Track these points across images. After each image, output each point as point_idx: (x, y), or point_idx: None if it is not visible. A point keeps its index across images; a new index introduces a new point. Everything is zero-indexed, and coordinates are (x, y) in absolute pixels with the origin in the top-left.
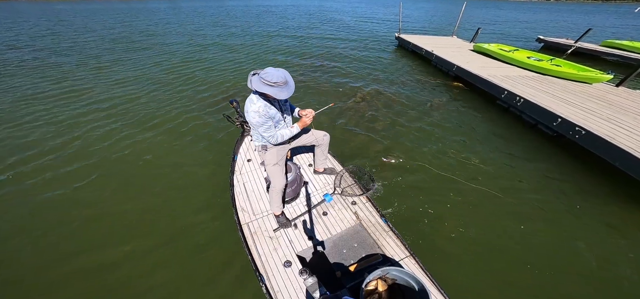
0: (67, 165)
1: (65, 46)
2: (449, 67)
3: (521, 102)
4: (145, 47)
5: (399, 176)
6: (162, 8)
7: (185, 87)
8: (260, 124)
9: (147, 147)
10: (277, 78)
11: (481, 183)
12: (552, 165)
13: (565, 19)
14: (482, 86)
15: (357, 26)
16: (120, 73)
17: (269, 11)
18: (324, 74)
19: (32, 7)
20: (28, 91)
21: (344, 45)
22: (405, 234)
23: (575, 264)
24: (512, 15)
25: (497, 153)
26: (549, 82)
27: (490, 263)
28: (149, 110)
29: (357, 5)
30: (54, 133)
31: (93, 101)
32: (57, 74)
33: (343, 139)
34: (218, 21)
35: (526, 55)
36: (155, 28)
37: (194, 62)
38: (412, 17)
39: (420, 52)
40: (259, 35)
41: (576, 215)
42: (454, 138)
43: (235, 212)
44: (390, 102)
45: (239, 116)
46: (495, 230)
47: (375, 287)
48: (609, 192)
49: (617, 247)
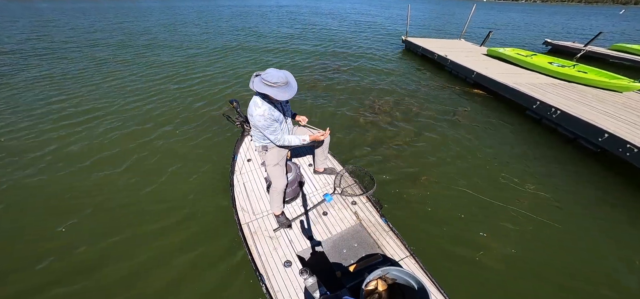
0: (68, 167)
1: (65, 47)
2: (467, 73)
3: (557, 113)
4: (144, 45)
5: (433, 201)
6: (155, 7)
7: (184, 87)
8: (266, 127)
9: (146, 147)
10: (277, 78)
11: (534, 211)
12: (600, 188)
13: (553, 21)
14: (507, 95)
15: (359, 28)
16: (119, 77)
17: (263, 13)
18: (329, 82)
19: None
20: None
21: (347, 49)
22: (405, 234)
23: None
24: (499, 17)
25: (535, 171)
26: (579, 91)
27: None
28: (148, 111)
29: (353, 6)
30: (48, 137)
31: (90, 100)
32: (58, 76)
33: (370, 158)
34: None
35: (547, 60)
36: (155, 29)
37: (193, 62)
38: (412, 18)
39: (431, 56)
40: (255, 36)
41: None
42: (487, 154)
43: (235, 212)
44: (410, 112)
45: (239, 116)
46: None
47: (375, 287)
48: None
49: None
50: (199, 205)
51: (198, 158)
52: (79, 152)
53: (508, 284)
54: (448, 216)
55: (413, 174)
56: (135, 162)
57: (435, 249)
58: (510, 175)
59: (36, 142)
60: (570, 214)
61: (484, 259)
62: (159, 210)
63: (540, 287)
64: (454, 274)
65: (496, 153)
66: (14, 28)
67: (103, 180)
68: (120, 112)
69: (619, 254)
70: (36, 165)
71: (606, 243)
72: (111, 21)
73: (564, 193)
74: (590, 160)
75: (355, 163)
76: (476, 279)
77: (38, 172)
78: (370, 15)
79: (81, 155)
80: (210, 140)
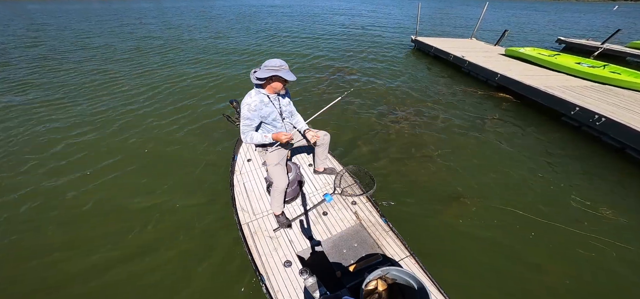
0: (68, 166)
1: (66, 48)
2: (489, 75)
3: (602, 121)
4: (140, 48)
5: (470, 221)
6: (148, 8)
7: (184, 87)
8: (244, 117)
9: (146, 147)
10: (280, 63)
11: (584, 228)
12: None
13: (553, 18)
14: (539, 99)
15: (362, 29)
16: (118, 79)
17: (256, 14)
18: (338, 89)
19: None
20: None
21: (354, 51)
22: (405, 234)
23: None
24: (499, 14)
25: (581, 185)
26: (616, 94)
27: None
28: (147, 110)
29: (354, 6)
30: (47, 139)
31: (86, 99)
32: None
33: (396, 173)
34: (208, 26)
35: (574, 60)
36: (155, 30)
37: (192, 63)
38: (413, 16)
39: (446, 57)
40: (254, 43)
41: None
42: (529, 167)
43: (235, 212)
44: (432, 120)
45: (238, 116)
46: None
47: (375, 287)
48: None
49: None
50: (199, 205)
51: (198, 158)
52: (81, 157)
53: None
54: (504, 242)
55: (451, 193)
56: (134, 162)
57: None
58: (576, 195)
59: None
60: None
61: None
62: (159, 210)
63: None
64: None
65: (539, 166)
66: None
67: (102, 180)
68: (121, 114)
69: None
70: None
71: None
72: (112, 23)
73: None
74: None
75: (376, 174)
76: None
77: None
78: (371, 14)
79: (81, 157)
80: (210, 140)
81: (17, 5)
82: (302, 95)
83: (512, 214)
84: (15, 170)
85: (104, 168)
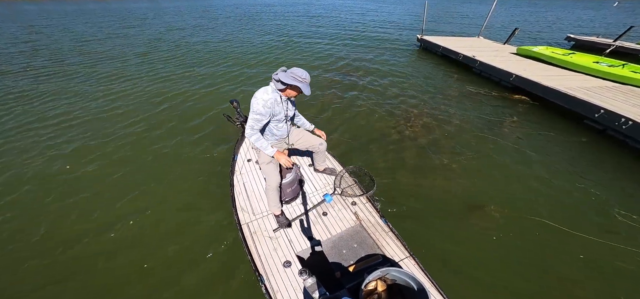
0: (67, 168)
1: (69, 55)
2: (503, 75)
3: (629, 124)
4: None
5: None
6: (142, 7)
7: (184, 87)
8: (257, 111)
9: (145, 148)
10: (305, 75)
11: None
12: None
13: (553, 13)
14: (559, 101)
15: (364, 26)
16: (118, 80)
17: (252, 15)
18: (342, 91)
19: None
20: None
21: (357, 50)
22: (405, 235)
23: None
24: (502, 11)
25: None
26: (638, 95)
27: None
28: (146, 110)
29: (354, 6)
30: (50, 134)
31: (84, 99)
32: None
33: (398, 174)
34: (202, 24)
35: (591, 59)
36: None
37: (191, 63)
38: (414, 14)
39: (455, 57)
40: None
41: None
42: (562, 176)
43: (235, 212)
44: (448, 124)
45: (239, 116)
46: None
47: (374, 287)
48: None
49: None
50: (199, 205)
51: (197, 158)
52: (79, 156)
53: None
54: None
55: (476, 201)
56: (133, 161)
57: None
58: (614, 205)
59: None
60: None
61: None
62: (158, 209)
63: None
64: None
65: (570, 175)
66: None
67: (99, 182)
68: (121, 114)
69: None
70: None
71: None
72: (112, 24)
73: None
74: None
75: (382, 176)
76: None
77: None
78: (371, 13)
79: (79, 157)
80: (210, 140)
81: (14, 5)
82: (302, 95)
83: (532, 221)
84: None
85: (102, 167)
